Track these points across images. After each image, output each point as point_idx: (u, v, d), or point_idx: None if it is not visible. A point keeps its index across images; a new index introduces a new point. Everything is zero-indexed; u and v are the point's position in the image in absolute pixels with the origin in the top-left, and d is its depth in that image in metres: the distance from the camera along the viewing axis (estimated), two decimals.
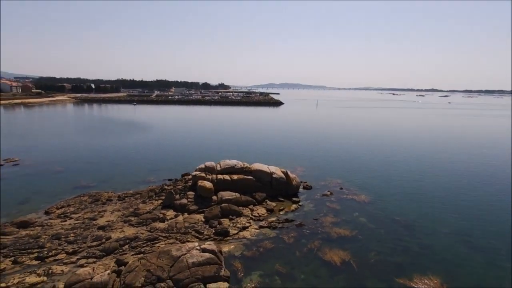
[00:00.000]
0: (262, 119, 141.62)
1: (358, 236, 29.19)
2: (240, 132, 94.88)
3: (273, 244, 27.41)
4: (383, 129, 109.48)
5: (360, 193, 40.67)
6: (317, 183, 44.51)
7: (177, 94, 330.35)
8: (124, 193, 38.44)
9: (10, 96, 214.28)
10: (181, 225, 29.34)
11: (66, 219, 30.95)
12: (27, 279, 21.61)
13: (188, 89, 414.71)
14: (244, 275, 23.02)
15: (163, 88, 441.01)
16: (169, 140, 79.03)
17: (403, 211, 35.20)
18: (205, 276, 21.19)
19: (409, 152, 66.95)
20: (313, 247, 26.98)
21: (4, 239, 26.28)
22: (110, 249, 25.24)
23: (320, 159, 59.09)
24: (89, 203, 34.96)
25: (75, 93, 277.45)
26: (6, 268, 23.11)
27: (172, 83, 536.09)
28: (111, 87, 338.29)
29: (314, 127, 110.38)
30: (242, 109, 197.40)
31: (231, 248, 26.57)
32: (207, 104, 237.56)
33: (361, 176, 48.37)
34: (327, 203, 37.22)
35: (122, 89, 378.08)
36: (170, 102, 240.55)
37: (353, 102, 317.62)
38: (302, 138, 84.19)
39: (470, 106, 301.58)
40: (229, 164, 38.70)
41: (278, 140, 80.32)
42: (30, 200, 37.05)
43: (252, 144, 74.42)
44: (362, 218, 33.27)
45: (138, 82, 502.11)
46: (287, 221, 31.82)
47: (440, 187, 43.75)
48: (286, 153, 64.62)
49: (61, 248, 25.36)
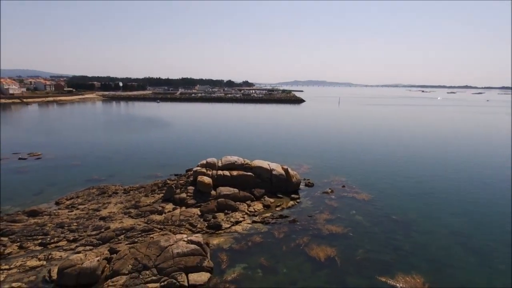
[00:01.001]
0: (280, 116, 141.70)
1: (349, 234, 29.18)
2: (254, 129, 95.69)
3: (263, 239, 28.00)
4: (397, 127, 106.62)
5: (362, 191, 40.32)
6: (320, 181, 44.50)
7: (201, 92, 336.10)
8: (130, 186, 40.30)
9: (44, 94, 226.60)
10: (176, 218, 30.56)
11: (73, 210, 33.03)
12: (28, 263, 23.52)
13: (211, 87, 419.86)
14: (227, 267, 23.78)
15: (188, 86, 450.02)
16: (182, 136, 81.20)
17: (403, 210, 34.66)
18: (187, 266, 22.19)
19: (421, 152, 65.15)
20: (301, 242, 27.32)
21: (14, 226, 28.55)
22: (107, 238, 26.83)
23: (328, 157, 58.76)
24: (96, 195, 37.01)
25: (103, 91, 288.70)
26: (12, 252, 25.19)
27: (197, 81, 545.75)
28: (138, 85, 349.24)
29: (330, 125, 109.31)
30: (262, 106, 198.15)
31: (220, 241, 27.44)
32: (229, 101, 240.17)
33: (367, 174, 47.80)
34: (325, 200, 37.27)
35: (149, 87, 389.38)
36: (193, 99, 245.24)
37: (376, 100, 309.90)
38: (315, 136, 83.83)
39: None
40: (230, 161, 39.57)
41: (290, 138, 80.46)
42: (44, 191, 39.68)
43: (264, 141, 75.00)
44: (358, 216, 33.13)
45: (164, 80, 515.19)
46: (281, 217, 32.27)
47: (448, 188, 42.49)
48: (296, 150, 64.74)
49: (63, 236, 27.23)
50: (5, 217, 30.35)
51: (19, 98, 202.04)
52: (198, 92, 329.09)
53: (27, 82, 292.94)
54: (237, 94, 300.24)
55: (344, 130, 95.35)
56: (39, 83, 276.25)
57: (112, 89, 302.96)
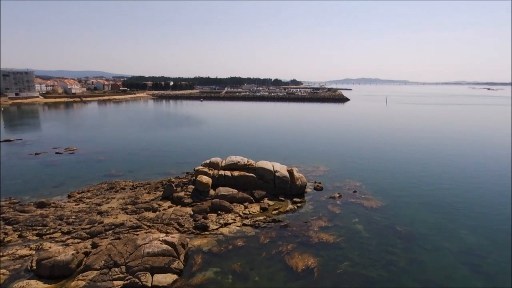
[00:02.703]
0: (318, 116, 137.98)
1: (340, 244, 27.06)
2: (285, 129, 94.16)
3: (246, 243, 27.09)
4: (437, 130, 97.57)
5: (374, 198, 37.36)
6: (332, 184, 42.15)
7: (245, 90, 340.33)
8: (139, 183, 41.64)
9: (101, 93, 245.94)
10: (167, 217, 30.81)
11: (79, 203, 34.94)
12: (19, 251, 25.22)
13: (257, 86, 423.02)
14: (199, 270, 23.32)
15: (235, 85, 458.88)
16: (210, 134, 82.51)
17: (412, 222, 31.41)
18: (154, 266, 22.10)
19: (459, 160, 58.78)
20: (284, 250, 25.92)
21: (21, 216, 30.91)
22: (95, 232, 27.86)
23: (351, 159, 55.58)
24: (105, 190, 38.80)
25: (154, 91, 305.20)
26: (11, 240, 27.25)
27: (244, 80, 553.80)
28: (186, 84, 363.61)
29: (366, 126, 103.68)
30: (305, 105, 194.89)
31: (202, 243, 27.05)
32: (271, 100, 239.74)
33: (386, 180, 44.25)
34: (329, 206, 35.10)
35: (198, 86, 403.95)
36: (235, 98, 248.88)
37: (429, 99, 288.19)
38: (346, 137, 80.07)
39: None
40: (233, 161, 39.04)
41: (319, 138, 77.75)
42: (64, 183, 42.58)
43: (290, 141, 73.41)
44: (359, 225, 30.67)
45: (213, 80, 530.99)
46: (274, 221, 31.01)
47: (468, 200, 37.71)
48: (320, 151, 62.35)
49: (59, 228, 28.85)
50: (17, 207, 33.01)
51: (79, 97, 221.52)
52: (243, 91, 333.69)
53: (89, 83, 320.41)
54: (280, 92, 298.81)
55: (379, 132, 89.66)
56: (99, 83, 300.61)
57: (162, 89, 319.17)
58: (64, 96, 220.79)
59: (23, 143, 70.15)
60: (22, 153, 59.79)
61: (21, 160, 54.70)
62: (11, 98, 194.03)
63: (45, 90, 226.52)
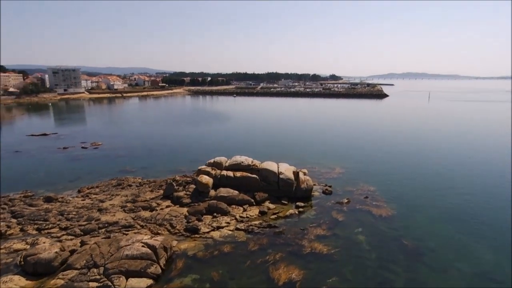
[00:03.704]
0: (349, 113, 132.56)
1: (334, 256, 25.00)
2: (309, 126, 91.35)
3: (233, 249, 25.97)
4: (481, 134, 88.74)
5: (385, 205, 34.43)
6: (343, 188, 39.60)
7: (281, 86, 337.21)
8: (147, 180, 42.04)
9: (140, 89, 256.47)
10: (161, 217, 30.54)
11: (85, 199, 35.93)
12: (14, 245, 26.20)
13: (293, 81, 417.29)
14: (177, 276, 22.64)
15: (272, 80, 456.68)
16: (231, 132, 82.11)
17: (424, 236, 28.39)
18: (129, 270, 21.72)
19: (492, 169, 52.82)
20: (270, 259, 24.44)
21: (27, 210, 32.31)
22: (88, 230, 28.25)
23: (372, 162, 52.11)
24: (112, 187, 39.61)
25: (191, 86, 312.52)
26: (13, 233, 28.47)
27: (282, 75, 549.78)
28: (223, 80, 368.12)
29: (397, 125, 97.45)
30: (341, 101, 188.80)
31: (190, 246, 26.35)
32: (307, 96, 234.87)
33: (403, 187, 40.75)
34: (333, 212, 32.86)
35: (235, 81, 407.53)
36: (270, 94, 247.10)
37: (479, 95, 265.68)
38: (369, 136, 75.51)
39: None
40: (237, 161, 37.96)
41: (341, 136, 74.36)
42: (79, 178, 44.17)
43: (311, 139, 70.92)
44: (360, 236, 28.28)
45: (250, 75, 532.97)
46: (269, 227, 29.55)
47: (496, 217, 33.32)
48: (339, 151, 59.47)
49: (58, 224, 29.69)
50: (27, 201, 34.62)
51: (120, 93, 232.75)
52: (278, 86, 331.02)
53: (131, 79, 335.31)
54: (316, 88, 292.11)
55: (410, 133, 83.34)
56: (140, 80, 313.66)
57: (198, 84, 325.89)
58: (107, 92, 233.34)
59: (57, 137, 74.50)
60: (52, 147, 63.34)
61: (49, 154, 57.91)
62: (60, 94, 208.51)
63: (90, 86, 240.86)
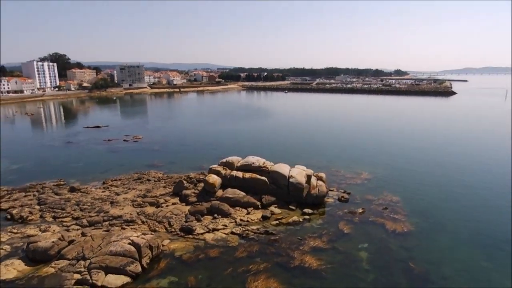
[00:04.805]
0: (400, 113, 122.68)
1: (323, 273, 22.93)
2: (351, 126, 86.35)
3: (220, 254, 25.29)
4: None
5: (403, 219, 30.83)
6: (363, 196, 36.45)
7: (338, 82, 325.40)
8: (167, 176, 43.20)
9: (197, 85, 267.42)
10: (163, 214, 31.03)
11: (105, 191, 38.11)
12: (29, 231, 28.68)
13: (351, 77, 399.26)
14: (156, 276, 22.71)
15: (330, 76, 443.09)
16: (268, 129, 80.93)
17: (436, 258, 24.85)
18: (109, 266, 22.28)
19: None
20: (253, 269, 23.26)
21: (51, 198, 35.23)
22: (93, 222, 29.81)
23: (404, 169, 47.23)
24: (132, 180, 41.46)
25: (245, 82, 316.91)
26: (33, 219, 31.23)
27: (341, 70, 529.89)
28: (278, 75, 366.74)
29: (453, 128, 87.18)
30: (399, 99, 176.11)
31: (179, 247, 26.32)
32: (363, 93, 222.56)
33: (434, 200, 36.16)
34: (341, 222, 30.32)
35: (291, 77, 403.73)
36: (324, 90, 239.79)
37: None
38: (411, 142, 68.50)
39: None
40: (248, 162, 37.01)
41: (381, 139, 68.87)
42: (110, 170, 47.03)
43: (347, 141, 66.95)
44: (363, 253, 25.62)
45: (308, 70, 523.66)
46: (266, 233, 28.26)
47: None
48: (372, 155, 55.03)
49: (71, 213, 31.83)
50: (56, 190, 37.80)
51: (178, 88, 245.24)
52: (334, 82, 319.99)
53: (191, 74, 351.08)
54: (375, 84, 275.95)
55: (465, 138, 73.87)
56: (198, 75, 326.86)
57: (253, 80, 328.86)
58: (166, 87, 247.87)
59: (108, 129, 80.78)
60: (99, 139, 68.73)
61: (94, 146, 62.91)
62: (125, 88, 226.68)
63: (152, 82, 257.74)
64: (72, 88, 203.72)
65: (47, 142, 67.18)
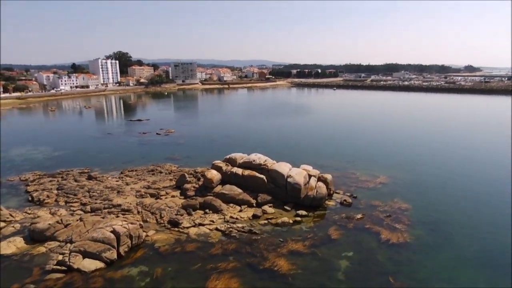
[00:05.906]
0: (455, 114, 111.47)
1: (288, 278, 21.92)
2: (384, 127, 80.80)
3: (196, 249, 25.52)
4: None
5: (404, 230, 28.14)
6: (370, 201, 34.03)
7: (394, 79, 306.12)
8: (179, 168, 44.60)
9: (246, 81, 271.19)
10: (158, 206, 32.15)
11: (118, 180, 40.59)
12: (39, 212, 31.71)
13: (410, 73, 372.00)
14: (129, 264, 23.70)
15: (388, 72, 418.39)
16: (297, 128, 79.13)
17: (427, 278, 22.43)
18: (87, 251, 23.76)
19: None
20: (220, 267, 23.08)
21: (69, 184, 38.51)
22: (94, 208, 31.96)
23: (432, 177, 42.71)
24: (146, 172, 43.52)
25: (295, 78, 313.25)
26: (48, 202, 34.46)
27: (403, 66, 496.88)
28: (331, 72, 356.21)
29: None
30: (460, 97, 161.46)
31: (161, 239, 27.10)
32: (421, 91, 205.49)
33: (451, 211, 32.35)
34: (333, 228, 28.68)
35: (346, 74, 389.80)
36: (376, 87, 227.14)
37: None
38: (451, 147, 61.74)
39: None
40: (249, 159, 36.62)
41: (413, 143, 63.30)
42: (132, 161, 49.92)
43: (378, 144, 62.83)
44: (344, 262, 23.96)
45: (364, 67, 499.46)
46: (250, 232, 27.81)
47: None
48: (398, 159, 50.93)
49: (81, 199, 34.50)
50: (76, 177, 41.24)
51: (228, 84, 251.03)
52: (391, 79, 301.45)
53: (243, 71, 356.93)
54: (437, 82, 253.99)
55: None
56: (249, 72, 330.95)
57: (304, 77, 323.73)
58: (217, 83, 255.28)
59: (147, 123, 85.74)
60: (136, 131, 73.33)
61: (129, 138, 67.35)
62: (179, 84, 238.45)
63: (204, 78, 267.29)
64: (131, 83, 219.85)
65: (91, 133, 73.45)
